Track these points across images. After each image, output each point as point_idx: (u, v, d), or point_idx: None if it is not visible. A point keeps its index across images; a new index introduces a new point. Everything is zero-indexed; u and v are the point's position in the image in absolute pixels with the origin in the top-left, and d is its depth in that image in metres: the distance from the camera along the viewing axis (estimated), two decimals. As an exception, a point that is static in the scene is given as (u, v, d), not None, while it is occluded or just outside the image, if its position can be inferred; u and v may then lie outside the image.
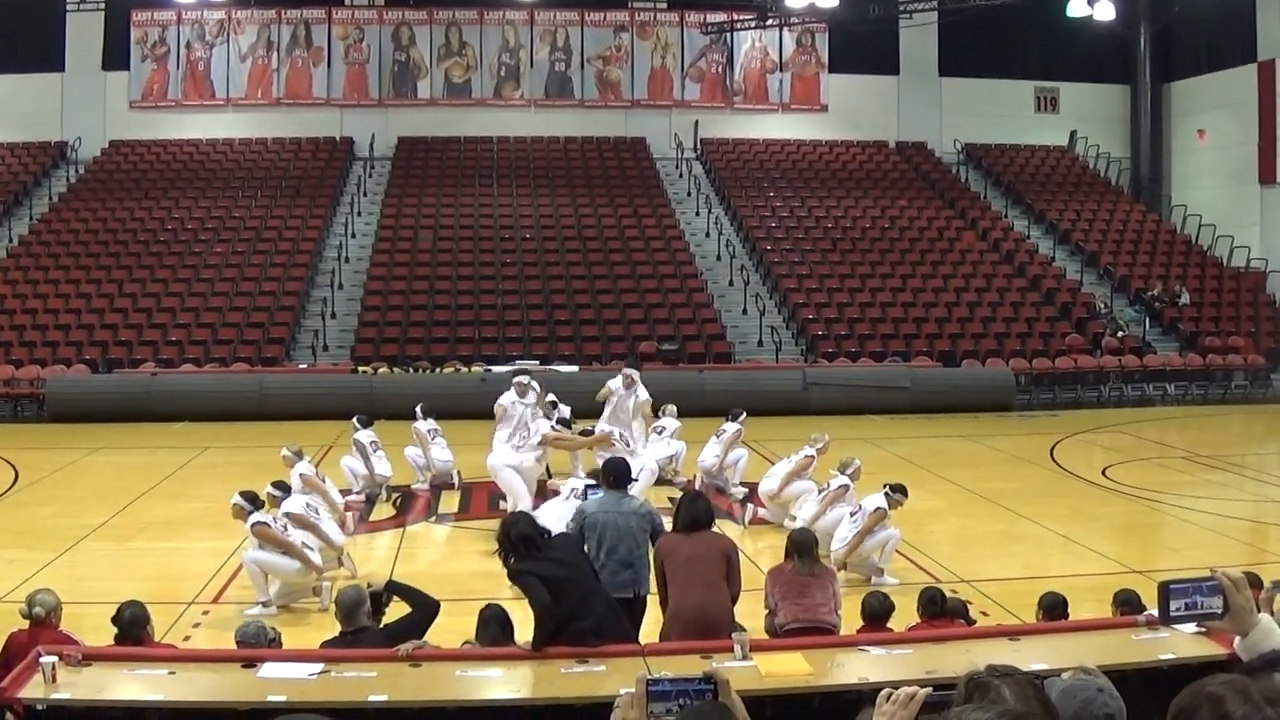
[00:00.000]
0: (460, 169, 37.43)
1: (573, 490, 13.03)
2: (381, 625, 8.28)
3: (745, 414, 17.88)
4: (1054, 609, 8.88)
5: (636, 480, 13.39)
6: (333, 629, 8.48)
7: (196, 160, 37.16)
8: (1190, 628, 6.25)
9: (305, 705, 6.46)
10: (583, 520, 9.44)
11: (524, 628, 8.00)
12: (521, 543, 7.90)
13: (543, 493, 16.03)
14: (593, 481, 12.39)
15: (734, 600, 8.65)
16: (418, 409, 18.33)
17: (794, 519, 14.40)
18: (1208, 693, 2.50)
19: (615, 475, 9.88)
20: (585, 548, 9.05)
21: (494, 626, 8.12)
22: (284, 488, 13.38)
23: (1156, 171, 39.83)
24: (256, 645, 7.92)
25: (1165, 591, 3.82)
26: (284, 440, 16.05)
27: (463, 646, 8.14)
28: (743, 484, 17.45)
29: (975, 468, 20.06)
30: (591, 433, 16.42)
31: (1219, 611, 3.74)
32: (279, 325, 29.53)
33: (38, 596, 8.31)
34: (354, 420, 17.63)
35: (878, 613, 8.96)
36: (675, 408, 18.41)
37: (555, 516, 11.72)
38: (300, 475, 14.34)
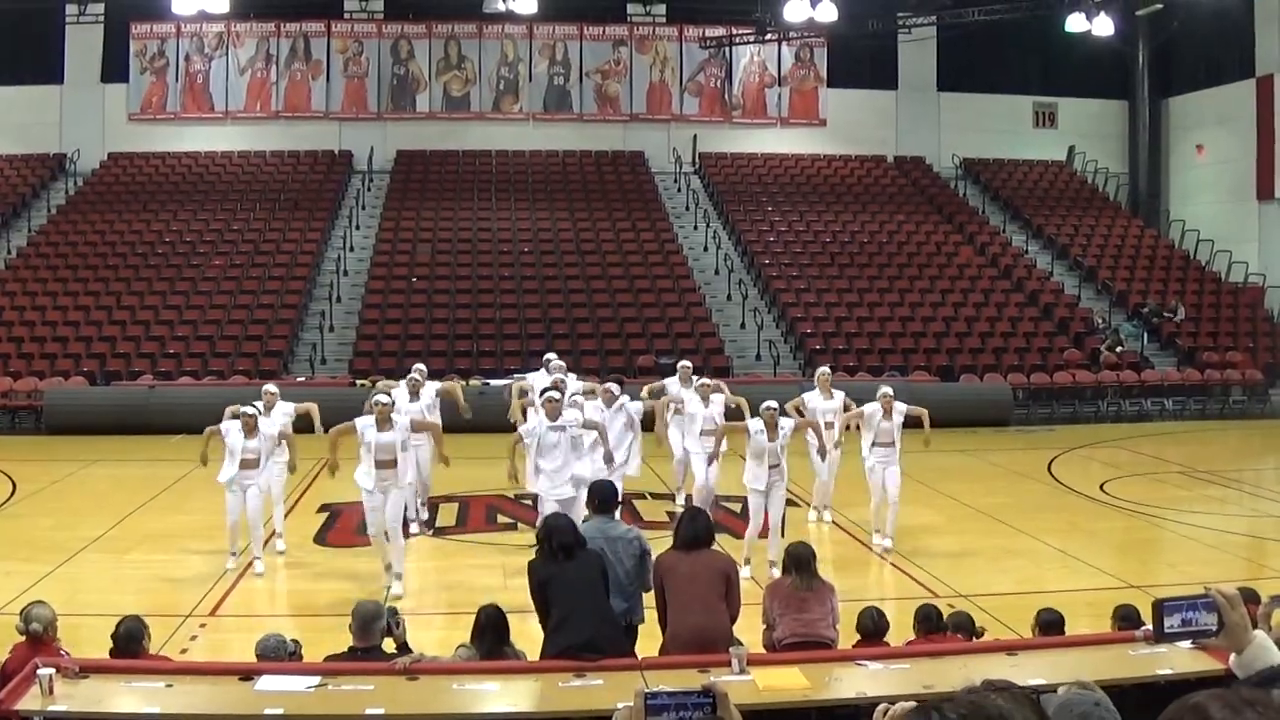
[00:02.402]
0: (459, 182, 37.47)
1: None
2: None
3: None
4: (1049, 626, 8.84)
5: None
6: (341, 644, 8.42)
7: (195, 173, 37.20)
8: (1185, 645, 6.24)
9: (303, 718, 6.46)
10: None
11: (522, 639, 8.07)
12: (559, 549, 8.20)
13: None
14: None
15: (733, 620, 8.63)
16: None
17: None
18: (1192, 704, 2.51)
19: (601, 499, 9.63)
20: None
21: (490, 636, 8.13)
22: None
23: (1155, 186, 39.85)
24: (277, 659, 7.89)
25: (1159, 608, 3.82)
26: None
27: (457, 650, 8.14)
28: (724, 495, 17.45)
29: (973, 482, 20.06)
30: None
31: (1214, 628, 3.73)
32: (277, 338, 29.52)
33: (34, 611, 8.24)
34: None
35: (871, 632, 8.94)
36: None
37: None
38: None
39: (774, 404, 14.63)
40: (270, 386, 16.24)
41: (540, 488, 13.41)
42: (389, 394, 14.44)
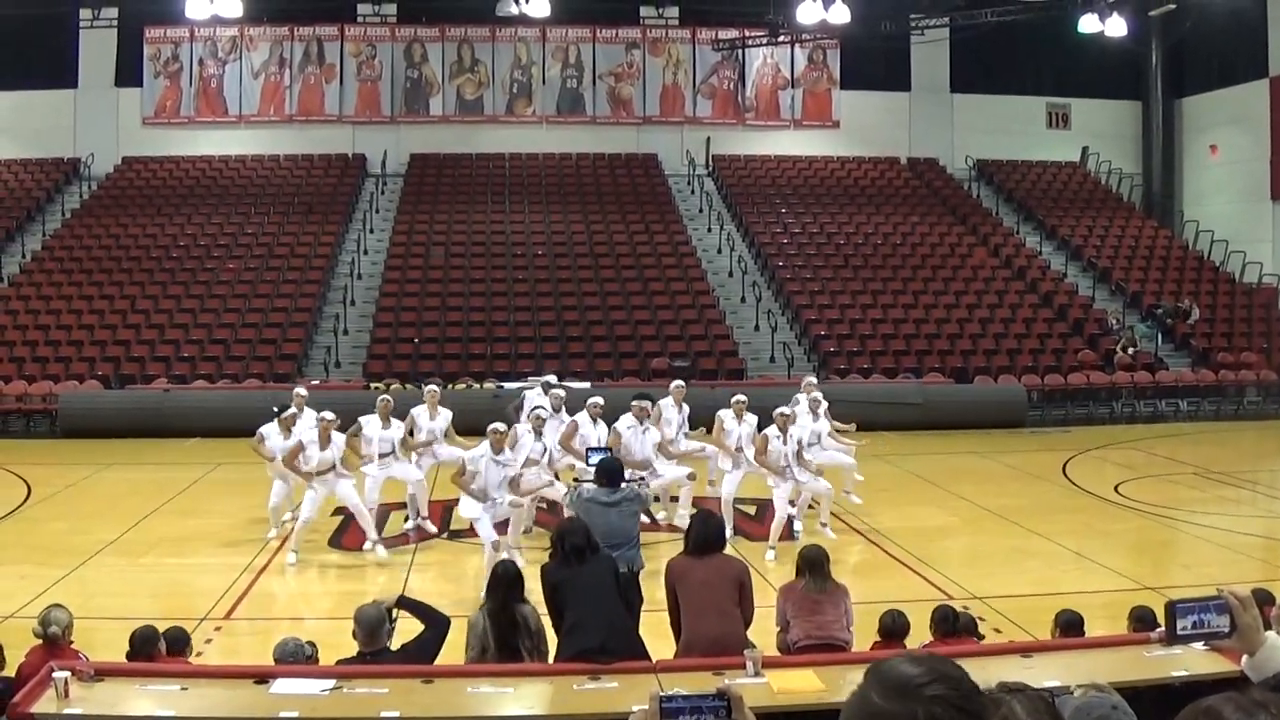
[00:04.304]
0: (472, 185, 37.51)
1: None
2: (396, 645, 8.26)
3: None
4: (1070, 627, 8.83)
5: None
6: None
7: (209, 177, 37.27)
8: (1198, 646, 6.24)
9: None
10: (577, 507, 10.57)
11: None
12: (571, 552, 8.37)
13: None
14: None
15: (747, 625, 8.62)
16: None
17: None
18: (1204, 707, 2.51)
19: (609, 475, 10.72)
20: None
21: (502, 590, 8.26)
22: None
23: (1168, 187, 39.80)
24: (295, 662, 7.90)
25: (1172, 610, 3.83)
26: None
27: (480, 613, 8.30)
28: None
29: (987, 484, 20.02)
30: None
31: (1226, 630, 3.74)
32: (291, 342, 29.57)
33: (52, 614, 8.27)
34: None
35: (892, 630, 8.95)
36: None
37: None
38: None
39: (743, 396, 16.31)
40: (300, 390, 17.72)
41: (472, 512, 13.96)
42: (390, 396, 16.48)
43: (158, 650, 8.32)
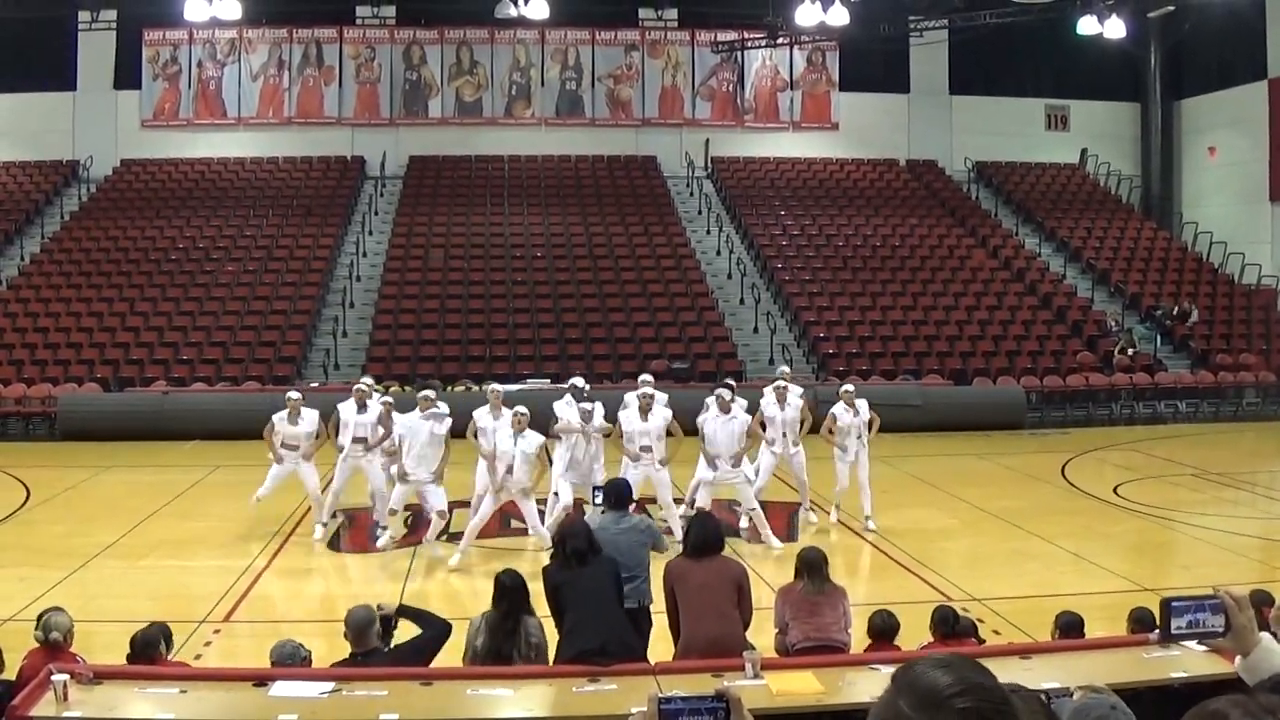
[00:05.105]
0: (471, 188, 37.51)
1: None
2: (391, 647, 8.26)
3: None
4: (1070, 629, 8.83)
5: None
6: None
7: (208, 179, 37.26)
8: (1194, 645, 6.25)
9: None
10: None
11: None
12: (572, 554, 8.46)
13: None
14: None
15: (745, 627, 8.62)
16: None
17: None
18: (1210, 710, 2.50)
19: (616, 496, 10.26)
20: None
21: (507, 601, 8.27)
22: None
23: (1167, 189, 39.81)
24: (292, 664, 7.91)
25: (1167, 609, 3.83)
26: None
27: (481, 617, 8.36)
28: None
29: (986, 486, 20.01)
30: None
31: (1221, 630, 3.75)
32: (290, 344, 29.56)
33: (52, 619, 8.25)
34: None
35: (882, 630, 8.95)
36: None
37: None
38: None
39: (783, 376, 17.00)
40: (366, 379, 18.43)
41: (409, 466, 15.21)
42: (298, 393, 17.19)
43: (158, 653, 8.32)
